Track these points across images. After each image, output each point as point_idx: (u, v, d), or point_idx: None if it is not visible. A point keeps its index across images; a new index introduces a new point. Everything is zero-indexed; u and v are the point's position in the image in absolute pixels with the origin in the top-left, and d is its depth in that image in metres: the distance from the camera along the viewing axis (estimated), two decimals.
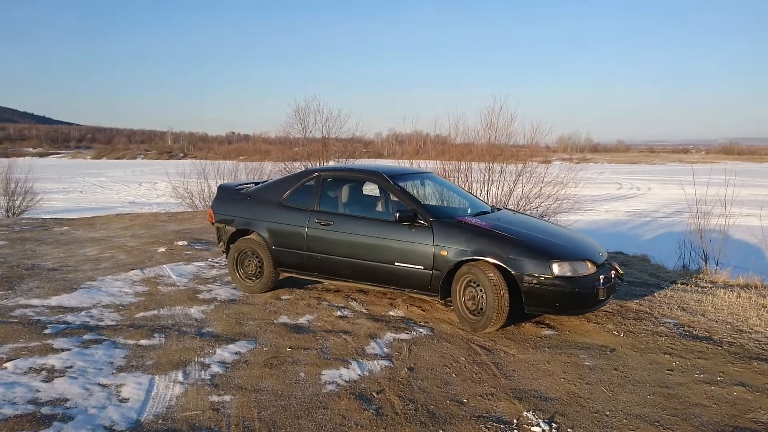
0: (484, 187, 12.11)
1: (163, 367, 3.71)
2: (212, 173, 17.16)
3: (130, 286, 5.69)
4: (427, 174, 6.22)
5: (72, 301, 5.12)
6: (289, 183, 5.57)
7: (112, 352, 3.95)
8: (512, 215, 5.55)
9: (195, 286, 5.72)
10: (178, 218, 11.61)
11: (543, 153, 14.58)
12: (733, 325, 4.74)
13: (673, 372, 3.75)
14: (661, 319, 4.86)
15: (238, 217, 5.59)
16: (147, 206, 20.62)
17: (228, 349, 4.04)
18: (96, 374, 3.57)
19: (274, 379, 3.57)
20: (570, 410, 3.23)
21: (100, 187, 32.79)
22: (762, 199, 17.15)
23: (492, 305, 4.34)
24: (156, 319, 4.70)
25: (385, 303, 5.23)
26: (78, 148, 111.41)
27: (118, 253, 7.38)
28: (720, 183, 8.36)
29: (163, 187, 26.26)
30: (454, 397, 3.38)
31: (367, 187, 5.69)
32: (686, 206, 8.83)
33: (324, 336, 4.36)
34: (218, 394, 3.35)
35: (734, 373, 3.72)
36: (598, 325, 4.67)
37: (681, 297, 5.60)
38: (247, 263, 5.54)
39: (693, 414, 3.18)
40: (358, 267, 4.99)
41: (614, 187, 33.06)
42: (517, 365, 3.87)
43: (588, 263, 4.44)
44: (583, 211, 14.05)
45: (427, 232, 4.67)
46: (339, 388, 3.46)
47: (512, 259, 4.36)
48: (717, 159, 68.15)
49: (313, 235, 5.14)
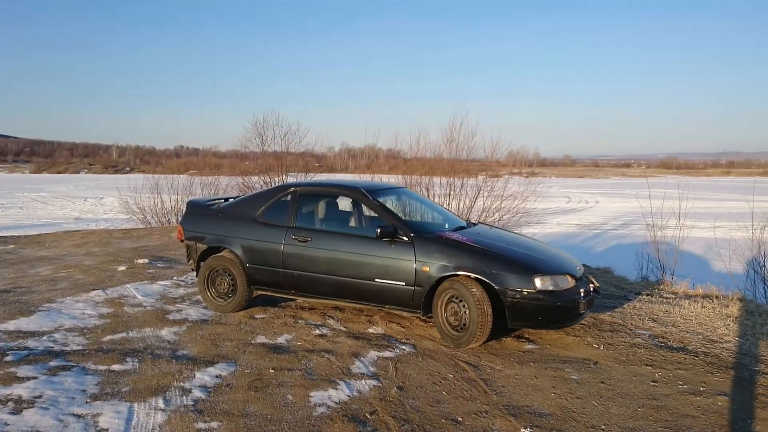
0: (445, 201, 12.26)
1: (140, 393, 3.51)
2: (165, 188, 16.62)
3: (93, 307, 5.40)
4: (403, 189, 6.20)
5: (31, 325, 4.81)
6: (263, 198, 5.43)
7: (83, 378, 3.71)
8: (489, 230, 5.58)
9: (163, 306, 5.48)
10: (133, 235, 11.18)
11: (494, 167, 14.84)
12: (703, 335, 4.88)
13: (657, 383, 3.81)
14: (635, 330, 4.96)
15: (210, 234, 5.40)
16: (94, 222, 19.77)
17: (208, 373, 3.87)
18: (69, 404, 3.34)
19: (261, 403, 3.43)
20: (566, 426, 3.22)
21: (42, 203, 31.23)
22: (701, 211, 17.95)
23: (476, 320, 4.33)
24: (126, 342, 4.47)
25: (363, 320, 5.15)
26: (16, 162, 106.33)
27: (74, 273, 7.02)
28: (669, 196, 8.71)
29: (110, 202, 25.33)
30: (449, 416, 3.33)
31: (343, 203, 5.60)
32: (633, 218, 9.15)
33: (306, 356, 4.24)
34: (204, 420, 3.19)
35: (715, 383, 3.81)
36: (578, 338, 4.73)
37: (649, 308, 5.74)
38: (219, 282, 5.34)
39: (684, 425, 3.22)
40: (338, 284, 4.89)
41: (564, 200, 33.89)
42: (506, 381, 3.85)
43: (568, 277, 4.49)
44: (536, 224, 14.32)
45: (408, 248, 4.63)
46: (330, 410, 3.36)
47: (495, 273, 4.36)
48: (657, 173, 71.22)
49: (291, 252, 5.02)
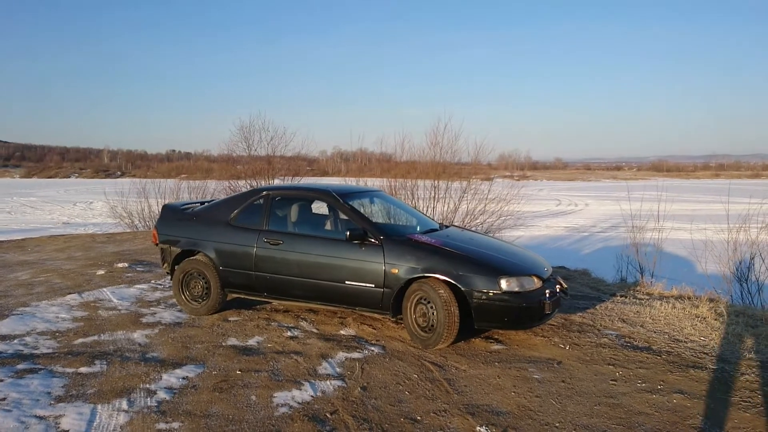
0: (431, 204, 12.31)
1: (105, 395, 3.55)
2: (153, 192, 16.63)
3: (68, 311, 5.43)
4: (377, 192, 6.26)
5: (3, 328, 4.84)
6: (236, 202, 5.48)
7: (50, 381, 3.75)
8: (460, 232, 5.65)
9: (138, 310, 5.51)
10: (117, 239, 11.19)
11: (485, 170, 14.96)
12: (670, 335, 4.96)
13: (617, 382, 3.89)
14: (603, 331, 5.04)
15: (184, 238, 5.45)
16: (83, 227, 19.74)
17: (175, 374, 3.91)
18: (32, 406, 3.38)
19: (224, 404, 3.47)
20: (521, 423, 3.29)
21: (31, 208, 31.15)
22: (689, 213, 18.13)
23: (443, 322, 4.39)
24: (96, 345, 4.50)
25: (335, 322, 5.20)
26: (6, 166, 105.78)
27: (53, 277, 7.04)
28: (652, 198, 8.80)
29: (100, 207, 25.27)
30: (408, 415, 3.38)
31: (316, 206, 5.66)
32: (622, 221, 9.22)
33: (275, 357, 4.29)
34: (166, 421, 3.23)
35: (673, 381, 3.89)
36: (545, 339, 4.80)
37: (621, 309, 5.82)
38: (193, 285, 5.38)
39: (637, 422, 3.30)
40: (309, 286, 4.95)
41: (554, 203, 34.10)
42: (469, 381, 3.91)
43: (534, 278, 4.56)
44: (525, 227, 14.44)
45: (377, 250, 4.69)
46: (292, 410, 3.41)
47: (462, 275, 4.42)
48: (648, 176, 71.70)
49: (263, 255, 5.07)
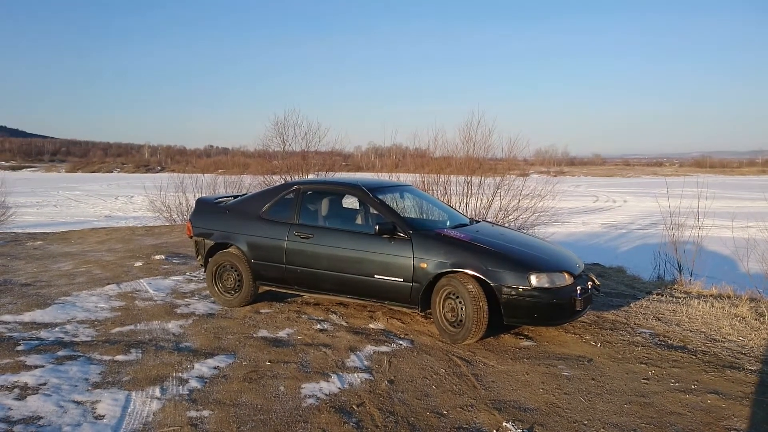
0: (464, 199, 12.22)
1: (139, 382, 3.66)
2: (190, 186, 16.99)
3: (106, 301, 5.60)
4: (407, 186, 6.26)
5: (46, 317, 5.02)
6: (268, 196, 5.55)
7: (87, 368, 3.88)
8: (491, 227, 5.60)
9: (173, 301, 5.65)
10: (155, 232, 11.47)
11: (521, 166, 14.76)
12: (706, 334, 4.83)
13: (649, 381, 3.80)
14: (637, 329, 4.93)
15: (217, 231, 5.56)
16: (123, 220, 20.34)
17: (206, 364, 4.00)
18: (71, 391, 3.50)
19: (253, 394, 3.53)
20: (549, 420, 3.25)
21: (75, 201, 32.25)
22: (732, 210, 17.54)
23: (471, 317, 4.37)
24: (133, 334, 4.64)
25: (365, 316, 5.23)
26: (52, 161, 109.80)
27: (93, 268, 7.27)
28: (693, 195, 8.55)
29: (140, 201, 25.95)
30: (434, 409, 3.38)
31: (346, 200, 5.69)
32: (661, 218, 8.99)
33: (304, 349, 4.34)
34: (196, 409, 3.31)
35: (708, 382, 3.79)
36: (576, 336, 4.73)
37: (656, 307, 5.69)
38: (225, 277, 5.49)
39: (668, 422, 3.22)
40: (338, 280, 4.99)
41: (591, 199, 33.51)
42: (497, 376, 3.89)
43: (565, 274, 4.49)
44: (561, 224, 14.21)
45: (406, 245, 4.69)
46: (319, 402, 3.45)
47: (491, 270, 4.39)
48: (690, 172, 69.60)
49: (293, 248, 5.13)
